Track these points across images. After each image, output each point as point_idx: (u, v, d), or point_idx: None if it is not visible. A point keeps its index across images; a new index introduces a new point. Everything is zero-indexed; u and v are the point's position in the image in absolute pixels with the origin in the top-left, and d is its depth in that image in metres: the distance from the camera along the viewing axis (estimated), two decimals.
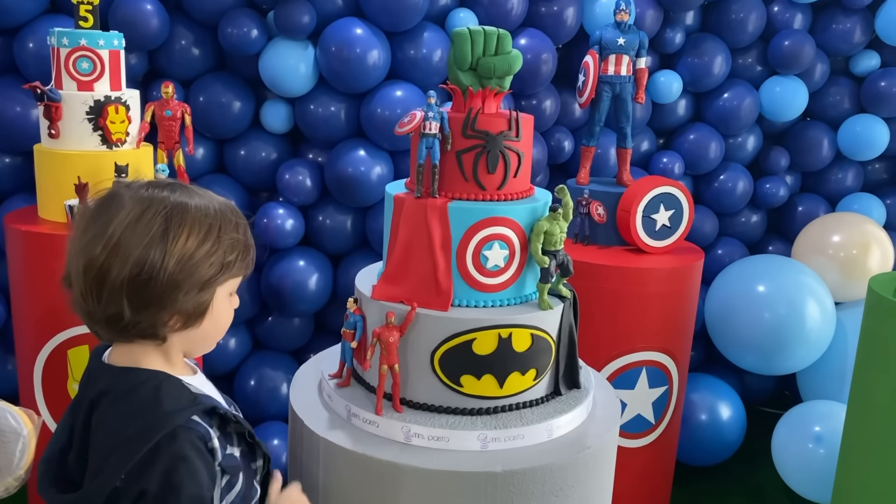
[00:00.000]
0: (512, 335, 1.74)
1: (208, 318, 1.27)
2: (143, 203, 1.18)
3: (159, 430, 1.14)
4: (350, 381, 1.88)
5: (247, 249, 1.30)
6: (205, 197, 1.26)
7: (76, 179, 2.43)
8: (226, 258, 1.24)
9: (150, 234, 1.16)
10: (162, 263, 1.16)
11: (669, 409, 3.10)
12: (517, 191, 1.83)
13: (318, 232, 3.37)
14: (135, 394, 1.20)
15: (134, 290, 1.16)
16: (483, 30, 1.78)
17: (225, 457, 1.24)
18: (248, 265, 1.32)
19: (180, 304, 1.20)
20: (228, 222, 1.25)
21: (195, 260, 1.19)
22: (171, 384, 1.23)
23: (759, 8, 3.78)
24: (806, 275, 3.53)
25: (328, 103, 3.23)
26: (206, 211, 1.22)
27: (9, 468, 1.19)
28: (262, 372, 3.40)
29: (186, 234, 1.18)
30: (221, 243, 1.23)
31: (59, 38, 2.49)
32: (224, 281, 1.26)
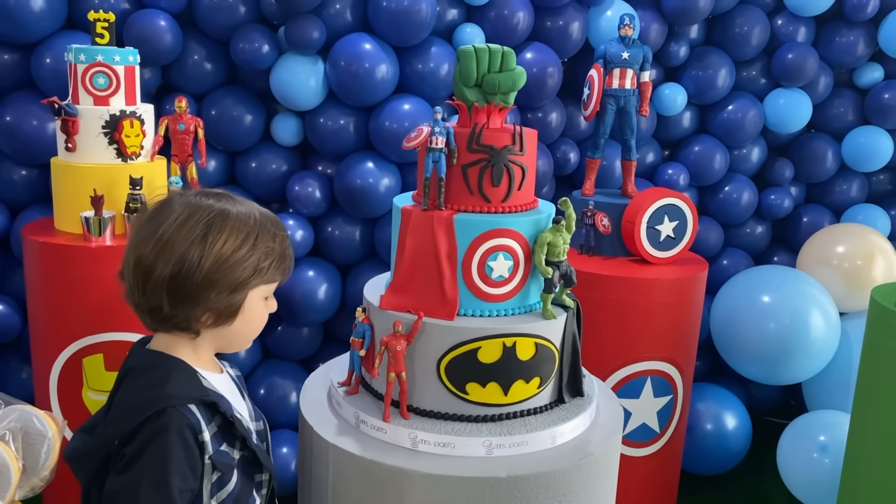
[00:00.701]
0: (516, 344, 1.78)
1: (240, 319, 1.37)
2: (191, 208, 1.31)
3: (155, 406, 1.25)
4: (358, 389, 1.92)
5: (282, 258, 1.39)
6: (247, 206, 1.38)
7: (92, 192, 2.49)
8: (259, 264, 1.33)
9: (193, 237, 1.28)
10: (199, 263, 1.27)
11: (674, 419, 3.13)
12: (521, 203, 1.88)
13: (327, 243, 3.42)
14: (151, 372, 1.32)
15: (173, 286, 1.28)
16: (488, 47, 1.83)
17: (218, 452, 1.31)
18: (284, 273, 1.41)
19: (213, 302, 1.31)
20: (266, 231, 1.36)
21: (230, 263, 1.30)
22: (184, 371, 1.33)
23: (762, 21, 3.83)
24: (810, 285, 3.56)
25: (337, 117, 3.29)
26: (246, 220, 1.34)
27: (34, 469, 1.24)
28: (272, 381, 3.44)
29: (224, 238, 1.29)
30: (256, 250, 1.33)
31: (77, 55, 2.56)
32: (257, 285, 1.36)
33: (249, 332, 1.42)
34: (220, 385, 1.40)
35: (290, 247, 1.44)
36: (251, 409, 1.54)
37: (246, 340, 1.44)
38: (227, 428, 1.35)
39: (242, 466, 1.38)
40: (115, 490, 1.23)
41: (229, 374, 1.54)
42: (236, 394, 1.49)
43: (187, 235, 1.28)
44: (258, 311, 1.40)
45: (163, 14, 3.04)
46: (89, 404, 2.58)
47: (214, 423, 1.32)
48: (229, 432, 1.35)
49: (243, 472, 1.38)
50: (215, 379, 1.41)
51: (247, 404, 1.53)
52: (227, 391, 1.42)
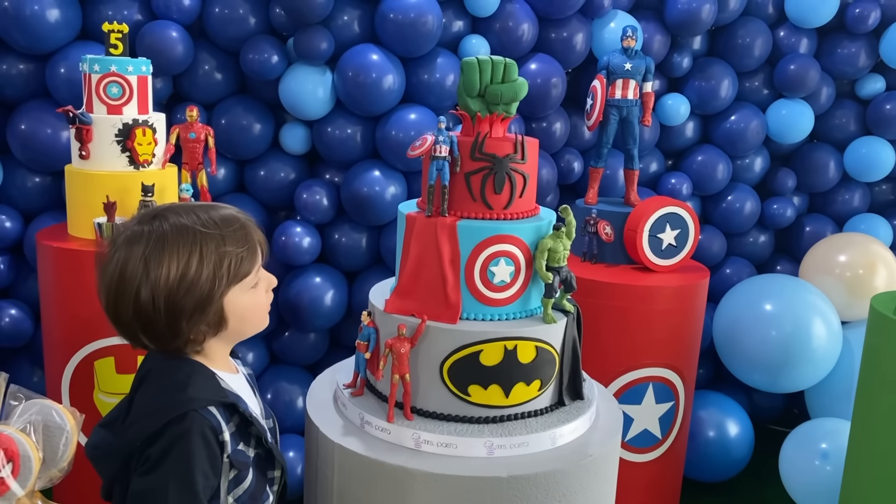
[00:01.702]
0: (517, 347, 1.82)
1: (232, 320, 1.38)
2: (127, 250, 1.30)
3: (178, 409, 1.28)
4: (363, 391, 1.97)
5: (241, 255, 1.36)
6: (188, 217, 1.34)
7: (105, 198, 2.55)
8: (216, 273, 1.32)
9: (137, 280, 1.28)
10: (154, 304, 1.29)
11: (676, 425, 3.16)
12: (523, 210, 1.93)
13: (333, 249, 3.48)
14: (172, 374, 1.34)
15: (143, 328, 1.32)
16: (491, 59, 1.89)
17: (235, 451, 1.35)
18: (253, 262, 1.38)
19: (191, 326, 1.32)
20: (210, 238, 1.32)
21: (183, 290, 1.29)
22: (203, 374, 1.37)
23: (765, 33, 3.87)
24: (812, 294, 3.59)
25: (345, 126, 3.35)
26: (184, 237, 1.31)
27: (53, 460, 1.29)
28: (279, 386, 3.49)
29: (167, 268, 1.28)
30: (206, 262, 1.31)
31: (91, 65, 2.63)
32: (226, 291, 1.35)
33: (251, 324, 1.44)
34: (236, 385, 1.44)
35: (251, 233, 1.40)
36: (263, 407, 1.58)
37: (253, 328, 1.46)
38: (244, 427, 1.38)
39: (257, 464, 1.42)
40: (141, 491, 1.26)
41: (243, 374, 1.57)
42: (250, 393, 1.53)
43: (132, 280, 1.28)
44: (246, 304, 1.39)
45: (174, 25, 3.11)
46: (101, 406, 2.63)
47: (233, 422, 1.35)
48: (245, 431, 1.38)
49: (258, 469, 1.42)
50: (231, 379, 1.44)
51: (259, 403, 1.56)
52: (242, 391, 1.46)
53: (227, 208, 1.42)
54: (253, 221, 1.44)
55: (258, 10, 3.24)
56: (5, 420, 1.27)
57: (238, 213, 1.42)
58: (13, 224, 3.17)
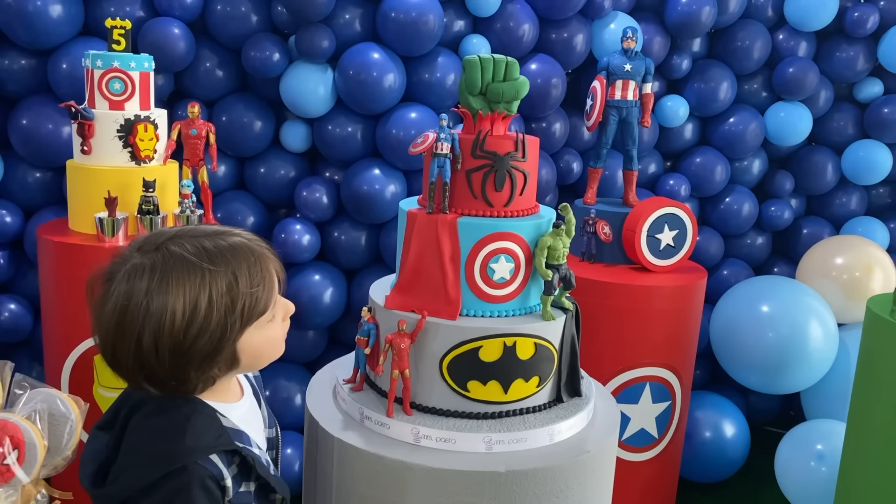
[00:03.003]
0: (516, 344, 1.84)
1: (245, 358, 1.27)
2: (126, 294, 1.16)
3: (176, 461, 1.18)
4: (363, 386, 1.98)
5: (258, 294, 1.22)
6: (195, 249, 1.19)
7: (106, 193, 2.56)
8: (229, 319, 1.19)
9: (140, 322, 1.15)
10: (157, 352, 1.16)
11: (672, 425, 3.18)
12: (523, 208, 1.94)
13: (333, 247, 3.49)
14: (168, 415, 1.23)
15: (145, 375, 1.20)
16: (492, 57, 1.90)
17: (237, 494, 1.26)
18: (269, 300, 1.25)
19: (200, 373, 1.20)
20: (220, 279, 1.18)
21: (189, 340, 1.16)
22: (202, 416, 1.25)
23: (764, 36, 3.89)
24: (809, 296, 3.61)
25: (345, 124, 3.36)
26: (192, 278, 1.17)
27: (58, 449, 1.30)
28: (277, 383, 3.50)
29: (170, 315, 1.15)
30: (216, 307, 1.17)
31: (94, 61, 2.64)
32: (239, 334, 1.22)
33: (266, 359, 1.33)
34: (238, 415, 1.34)
35: (265, 264, 1.26)
36: (266, 415, 1.50)
37: (268, 361, 1.34)
38: (245, 466, 1.29)
39: (258, 494, 1.33)
40: None
41: (249, 385, 1.49)
42: (255, 412, 1.44)
43: (132, 323, 1.15)
44: (261, 341, 1.28)
45: (176, 22, 3.12)
46: (100, 401, 2.64)
47: (234, 464, 1.27)
48: (247, 469, 1.30)
49: (259, 499, 1.33)
50: (233, 410, 1.34)
51: (262, 412, 1.49)
52: (246, 416, 1.37)
53: (237, 235, 1.27)
54: (267, 248, 1.30)
55: (260, 8, 3.25)
56: (11, 408, 1.28)
57: (250, 241, 1.27)
58: (13, 219, 3.18)
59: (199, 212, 2.71)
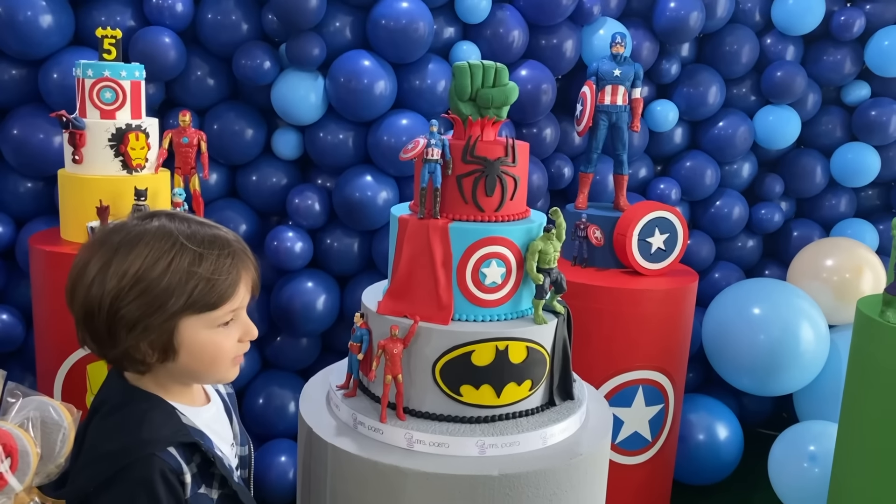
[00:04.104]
0: (508, 347, 1.84)
1: (183, 354, 1.24)
2: (103, 236, 1.22)
3: (132, 455, 1.17)
4: (356, 392, 1.99)
5: (216, 283, 1.22)
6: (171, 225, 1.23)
7: (98, 202, 2.56)
8: (176, 290, 1.19)
9: (97, 269, 1.19)
10: (100, 300, 1.17)
11: (666, 427, 3.19)
12: (514, 212, 1.95)
13: (326, 254, 3.49)
14: (125, 411, 1.23)
15: (85, 322, 1.21)
16: (482, 64, 1.92)
17: (196, 495, 1.23)
18: (224, 297, 1.24)
19: (132, 339, 1.19)
20: (186, 252, 1.20)
21: (130, 296, 1.17)
22: (160, 411, 1.24)
23: (752, 40, 3.93)
24: (800, 298, 3.63)
25: (337, 131, 3.37)
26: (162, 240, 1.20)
27: (50, 456, 1.30)
28: (271, 390, 3.50)
29: (126, 266, 1.17)
30: (168, 275, 1.18)
31: (85, 70, 2.64)
32: (181, 316, 1.21)
33: (207, 367, 1.28)
34: (201, 420, 1.32)
35: (237, 265, 1.26)
36: (238, 432, 1.47)
37: (209, 374, 1.30)
38: (207, 467, 1.27)
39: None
40: None
41: (220, 395, 1.47)
42: (223, 422, 1.42)
43: (92, 269, 1.19)
44: (205, 341, 1.24)
45: (167, 31, 3.12)
46: None
47: (194, 462, 1.24)
48: (208, 472, 1.27)
49: None
50: (196, 413, 1.32)
51: (234, 429, 1.46)
52: (211, 423, 1.35)
53: (226, 232, 1.30)
54: (250, 256, 1.31)
55: (251, 17, 3.26)
56: (3, 416, 1.28)
57: (234, 241, 1.29)
58: (5, 229, 3.17)
59: None
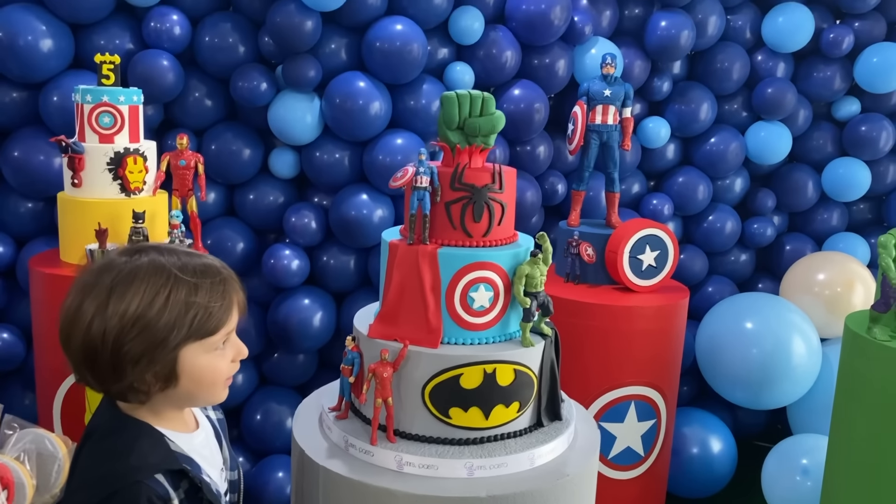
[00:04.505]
0: (496, 370, 1.89)
1: (184, 379, 1.27)
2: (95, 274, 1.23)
3: (120, 481, 1.20)
4: (348, 414, 2.03)
5: (213, 311, 1.26)
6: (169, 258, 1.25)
7: (97, 225, 2.61)
8: (177, 321, 1.22)
9: (95, 307, 1.20)
10: (103, 337, 1.19)
11: (658, 442, 3.22)
12: (501, 237, 2.00)
13: (322, 271, 3.54)
14: (115, 437, 1.26)
15: (87, 362, 1.23)
16: (469, 93, 1.97)
17: None
18: (221, 323, 1.28)
19: (137, 373, 1.22)
20: (182, 284, 1.23)
21: (134, 332, 1.20)
22: (149, 438, 1.27)
23: (742, 57, 3.98)
24: (792, 312, 3.67)
25: (333, 151, 3.42)
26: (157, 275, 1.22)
27: (46, 487, 1.34)
28: (268, 406, 3.53)
29: (128, 303, 1.20)
30: (170, 307, 1.22)
31: (84, 95, 2.70)
32: (183, 345, 1.25)
33: (205, 390, 1.32)
34: (190, 445, 1.35)
35: (229, 290, 1.30)
36: (227, 457, 1.49)
37: (206, 396, 1.34)
38: (195, 493, 1.29)
39: None
40: None
41: (210, 421, 1.49)
42: (213, 447, 1.44)
43: (89, 308, 1.20)
44: (204, 366, 1.28)
45: (165, 54, 3.18)
46: None
47: (182, 488, 1.27)
48: (196, 497, 1.29)
49: None
50: (185, 439, 1.35)
51: (223, 454, 1.48)
52: (200, 449, 1.38)
53: (213, 260, 1.34)
54: (237, 280, 1.35)
55: (247, 39, 3.31)
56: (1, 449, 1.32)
57: (222, 268, 1.33)
58: (6, 249, 3.23)
59: (188, 241, 2.76)
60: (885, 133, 4.04)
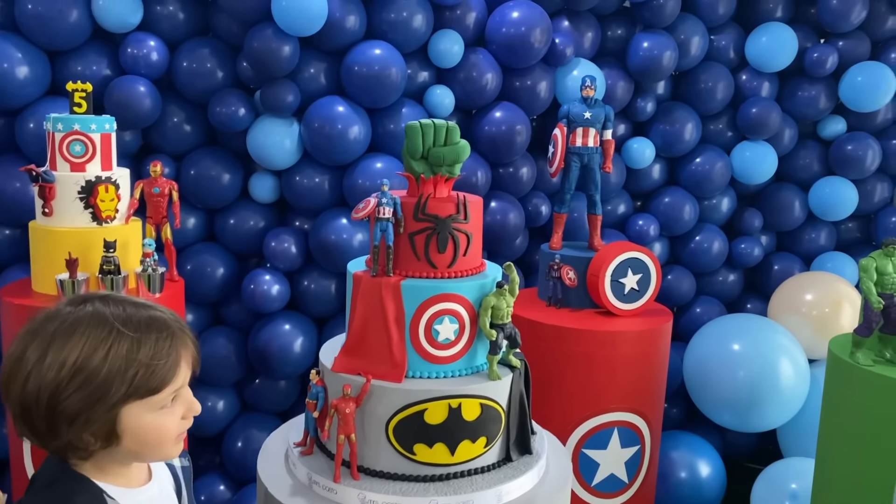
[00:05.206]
0: (461, 405, 1.85)
1: (127, 438, 1.20)
2: (37, 324, 1.16)
3: None
4: (313, 449, 1.99)
5: (156, 368, 1.18)
6: (107, 310, 1.18)
7: (67, 255, 2.58)
8: (117, 380, 1.14)
9: (33, 362, 1.14)
10: (38, 395, 1.13)
11: (643, 469, 3.17)
12: (467, 268, 1.97)
13: (303, 296, 3.50)
14: (52, 491, 1.20)
15: (22, 417, 1.16)
16: (433, 122, 1.94)
17: None
18: (166, 381, 1.20)
19: (73, 432, 1.15)
20: (124, 340, 1.16)
21: (70, 389, 1.13)
22: (87, 494, 1.21)
23: (726, 77, 3.96)
24: (780, 334, 3.63)
25: (312, 175, 3.40)
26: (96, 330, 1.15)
27: None
28: (249, 434, 3.50)
29: (63, 358, 1.13)
30: (107, 365, 1.14)
31: (55, 124, 2.68)
32: (124, 403, 1.17)
33: (152, 449, 1.24)
34: (136, 500, 1.28)
35: (177, 345, 1.23)
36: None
37: (155, 454, 1.26)
38: None
39: None
40: None
41: (171, 469, 1.42)
42: (169, 500, 1.37)
43: (28, 361, 1.14)
44: (149, 425, 1.20)
45: (142, 80, 3.16)
46: None
47: None
48: None
49: None
50: (131, 495, 1.27)
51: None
52: (150, 503, 1.31)
53: (163, 312, 1.25)
54: (188, 334, 1.27)
55: (225, 64, 3.30)
56: None
57: (172, 321, 1.25)
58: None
59: (161, 269, 2.73)
60: (872, 152, 4.02)
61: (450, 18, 3.47)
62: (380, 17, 3.32)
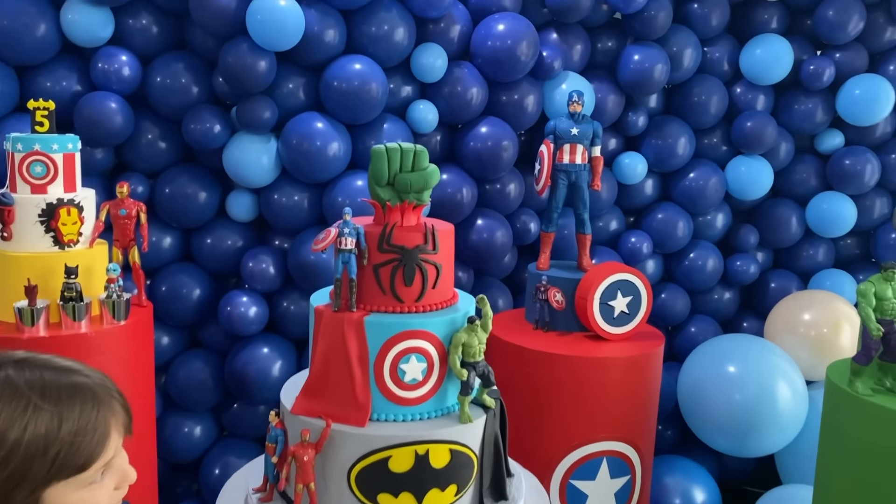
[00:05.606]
0: (429, 451, 1.73)
1: None
2: None
3: None
4: (273, 496, 1.87)
5: (81, 445, 1.06)
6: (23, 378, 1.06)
7: (26, 281, 2.46)
8: (35, 463, 1.03)
9: None
10: None
11: (633, 499, 3.05)
12: (437, 301, 1.85)
13: (282, 318, 3.39)
14: None
15: None
16: (400, 146, 1.83)
17: None
18: (94, 456, 1.08)
19: None
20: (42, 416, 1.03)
21: None
22: None
23: (720, 90, 3.85)
24: (776, 355, 3.51)
25: (291, 193, 3.29)
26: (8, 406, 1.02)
27: None
28: (227, 461, 3.38)
29: None
30: (24, 444, 1.02)
31: (14, 144, 2.57)
32: (47, 485, 1.05)
33: None
34: None
35: (104, 415, 1.10)
36: None
37: None
38: None
39: None
40: None
41: None
42: None
43: None
44: (76, 503, 1.08)
45: (113, 96, 3.05)
46: None
47: None
48: None
49: None
50: None
51: None
52: None
53: (88, 377, 1.12)
54: (117, 398, 1.14)
55: (200, 80, 3.19)
56: None
57: (97, 386, 1.12)
58: None
59: (126, 295, 2.61)
60: (870, 166, 3.90)
61: (433, 32, 3.35)
62: (360, 30, 3.21)
